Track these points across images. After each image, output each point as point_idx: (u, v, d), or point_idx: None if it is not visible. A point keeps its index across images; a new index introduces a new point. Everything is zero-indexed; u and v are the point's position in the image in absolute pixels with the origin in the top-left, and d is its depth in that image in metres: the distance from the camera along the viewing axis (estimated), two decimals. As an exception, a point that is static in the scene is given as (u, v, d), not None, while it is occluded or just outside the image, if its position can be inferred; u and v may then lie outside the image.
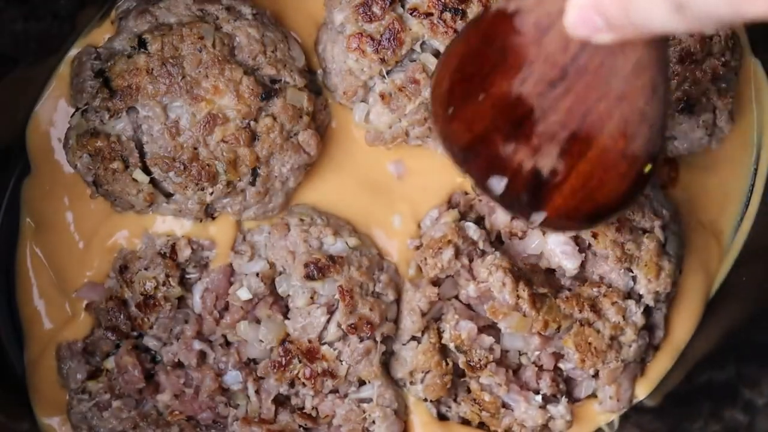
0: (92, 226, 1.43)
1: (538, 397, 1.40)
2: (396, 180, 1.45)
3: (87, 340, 1.41)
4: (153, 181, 1.38)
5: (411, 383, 1.41)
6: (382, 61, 1.36)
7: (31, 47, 1.39)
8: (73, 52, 1.44)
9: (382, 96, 1.37)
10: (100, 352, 1.41)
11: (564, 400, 1.41)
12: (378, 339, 1.38)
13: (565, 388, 1.42)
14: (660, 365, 1.46)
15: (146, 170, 1.37)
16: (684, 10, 0.74)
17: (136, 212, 1.42)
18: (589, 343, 1.36)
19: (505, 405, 1.40)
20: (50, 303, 1.44)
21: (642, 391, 1.45)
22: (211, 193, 1.37)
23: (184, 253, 1.39)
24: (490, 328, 1.39)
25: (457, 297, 1.41)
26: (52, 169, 1.44)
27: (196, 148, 1.35)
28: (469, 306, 1.41)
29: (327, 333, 1.37)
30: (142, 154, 1.37)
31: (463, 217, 1.42)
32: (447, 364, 1.38)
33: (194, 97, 1.35)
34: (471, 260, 1.38)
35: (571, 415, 1.41)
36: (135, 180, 1.36)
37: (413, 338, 1.40)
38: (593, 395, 1.44)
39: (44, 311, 1.44)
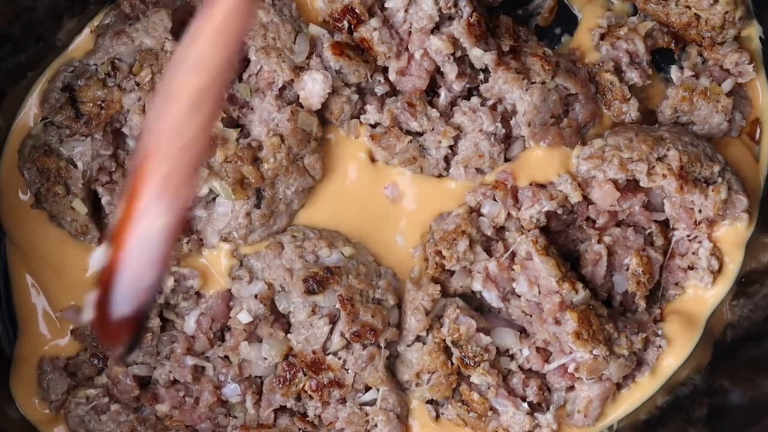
0: (57, 253, 1.40)
1: (525, 404, 1.38)
2: (391, 203, 1.42)
3: (70, 360, 1.40)
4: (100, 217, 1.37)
5: (417, 385, 1.39)
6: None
7: (20, 73, 1.40)
8: (54, 65, 1.41)
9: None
10: (81, 374, 1.40)
11: (553, 408, 1.40)
12: (381, 344, 1.37)
13: (551, 397, 1.41)
14: (634, 398, 1.43)
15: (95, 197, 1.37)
16: None
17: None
18: (591, 324, 1.36)
19: (492, 408, 1.39)
20: (45, 311, 1.42)
21: (612, 415, 1.43)
22: (188, 242, 1.37)
23: (168, 283, 1.37)
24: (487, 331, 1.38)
25: (461, 295, 1.40)
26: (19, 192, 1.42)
27: None
28: (477, 309, 1.40)
29: (331, 343, 1.35)
30: (88, 186, 1.36)
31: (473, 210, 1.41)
32: (452, 363, 1.37)
33: None
34: (494, 239, 1.39)
35: (557, 425, 1.39)
36: (73, 208, 1.36)
37: (418, 338, 1.38)
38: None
39: (41, 314, 1.42)
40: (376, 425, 1.38)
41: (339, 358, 1.36)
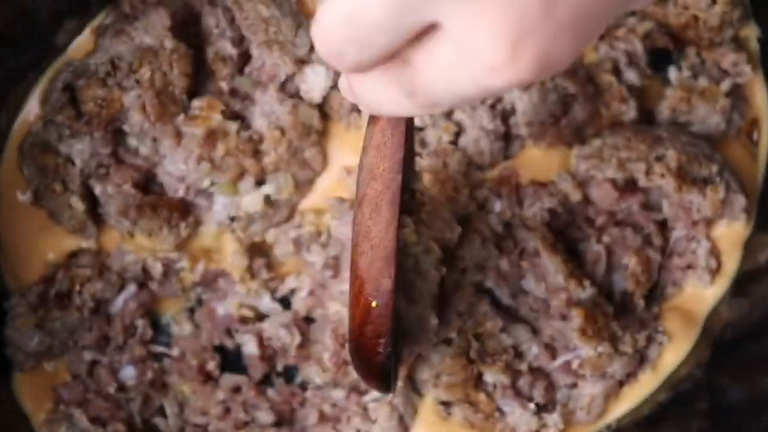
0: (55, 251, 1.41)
1: (532, 405, 1.38)
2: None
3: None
4: (97, 213, 1.38)
5: (434, 386, 1.39)
6: None
7: (21, 74, 1.41)
8: (55, 65, 1.42)
9: None
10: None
11: (559, 407, 1.40)
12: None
13: (557, 398, 1.41)
14: (636, 395, 1.43)
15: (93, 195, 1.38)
16: (416, 97, 0.78)
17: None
18: (596, 321, 1.36)
19: (498, 409, 1.38)
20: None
21: (614, 411, 1.43)
22: (185, 227, 1.37)
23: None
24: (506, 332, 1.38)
25: (485, 291, 1.40)
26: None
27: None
28: (505, 306, 1.40)
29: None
30: (85, 183, 1.37)
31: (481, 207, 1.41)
32: (473, 370, 1.37)
33: (190, 118, 1.34)
34: (504, 236, 1.39)
35: (563, 425, 1.39)
36: (70, 205, 1.36)
37: (445, 341, 1.37)
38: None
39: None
40: (376, 420, 1.37)
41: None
